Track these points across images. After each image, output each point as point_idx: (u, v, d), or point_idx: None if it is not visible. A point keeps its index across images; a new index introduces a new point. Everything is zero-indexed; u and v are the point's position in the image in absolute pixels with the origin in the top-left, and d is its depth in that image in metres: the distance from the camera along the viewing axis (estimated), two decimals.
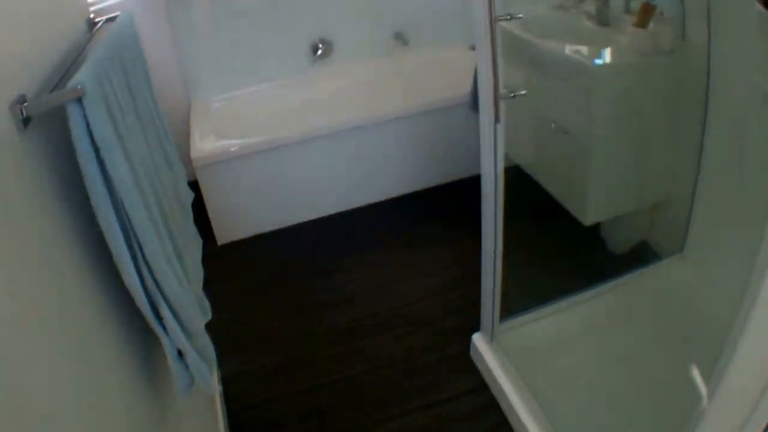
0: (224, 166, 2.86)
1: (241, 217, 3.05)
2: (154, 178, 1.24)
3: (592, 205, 2.32)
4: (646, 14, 2.11)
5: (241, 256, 3.01)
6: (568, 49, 2.30)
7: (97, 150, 0.91)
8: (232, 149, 2.84)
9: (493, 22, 1.46)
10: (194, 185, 2.78)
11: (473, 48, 3.48)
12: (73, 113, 0.87)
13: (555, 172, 2.52)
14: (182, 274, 1.22)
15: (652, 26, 2.12)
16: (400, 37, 3.61)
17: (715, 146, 2.14)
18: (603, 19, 2.39)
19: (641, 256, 2.53)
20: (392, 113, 3.02)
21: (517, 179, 2.65)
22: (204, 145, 2.86)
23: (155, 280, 1.09)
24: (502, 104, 1.58)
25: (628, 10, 2.34)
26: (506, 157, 2.38)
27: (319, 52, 3.50)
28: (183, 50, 3.25)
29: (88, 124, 0.89)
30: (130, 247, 1.02)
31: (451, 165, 3.28)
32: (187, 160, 2.75)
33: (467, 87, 3.02)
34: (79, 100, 0.87)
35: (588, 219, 2.34)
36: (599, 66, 2.16)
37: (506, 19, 1.48)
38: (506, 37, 2.26)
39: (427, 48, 3.71)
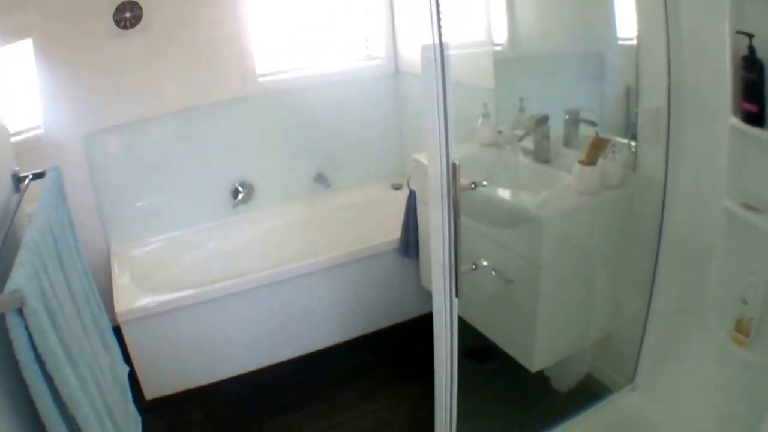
0: (148, 321, 2.67)
1: (169, 372, 2.83)
2: (96, 371, 1.11)
3: (538, 351, 2.23)
4: (596, 150, 2.07)
5: (170, 414, 2.75)
6: (507, 194, 2.29)
7: (42, 363, 0.80)
8: (155, 305, 2.66)
9: (455, 193, 1.42)
10: (116, 332, 2.58)
11: (396, 187, 3.59)
12: (14, 324, 0.78)
13: (496, 320, 2.42)
14: None
15: (601, 161, 2.10)
16: (322, 179, 3.58)
17: (668, 275, 2.13)
18: (542, 155, 2.37)
19: (590, 390, 2.46)
20: (318, 265, 2.91)
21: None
22: (127, 299, 2.68)
23: None
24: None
25: (568, 144, 2.34)
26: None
27: (240, 195, 3.41)
28: (100, 191, 3.12)
29: (30, 336, 0.79)
30: None
31: (384, 312, 3.16)
32: (108, 307, 2.56)
33: (394, 231, 3.00)
34: (19, 310, 0.76)
35: (535, 366, 2.25)
36: (543, 212, 2.09)
37: (470, 189, 1.45)
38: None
39: (350, 189, 3.68)
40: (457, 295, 1.54)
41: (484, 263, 1.54)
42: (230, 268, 3.20)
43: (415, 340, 2.95)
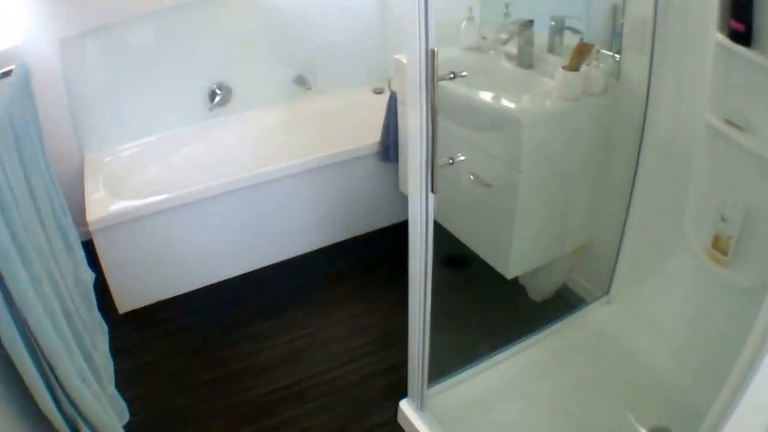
0: (121, 228, 2.62)
1: (143, 283, 2.81)
2: (55, 273, 1.08)
3: (514, 258, 2.22)
4: (580, 56, 2.01)
5: (144, 326, 2.74)
6: (489, 96, 2.23)
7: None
8: (128, 211, 2.61)
9: (432, 82, 1.36)
10: (88, 246, 2.58)
11: (378, 91, 3.50)
12: None
13: (473, 226, 2.42)
14: (94, 380, 1.05)
15: (584, 68, 2.05)
16: (302, 82, 3.47)
17: (647, 187, 2.11)
18: (525, 60, 2.31)
19: (565, 301, 2.48)
20: (296, 168, 2.86)
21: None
22: (99, 206, 2.62)
23: (72, 402, 0.92)
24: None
25: (552, 50, 2.27)
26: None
27: (217, 98, 3.31)
28: (75, 100, 3.01)
29: None
30: (42, 372, 0.86)
31: (362, 218, 3.15)
32: (81, 221, 2.54)
33: (374, 135, 2.94)
34: None
35: (511, 272, 2.25)
36: (524, 116, 2.04)
37: (449, 78, 1.40)
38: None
39: (331, 92, 3.58)
40: (432, 191, 1.50)
41: (461, 158, 1.50)
42: (206, 173, 3.12)
43: (392, 246, 2.97)
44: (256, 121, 3.43)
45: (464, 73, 1.40)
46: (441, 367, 2.03)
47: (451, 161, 1.48)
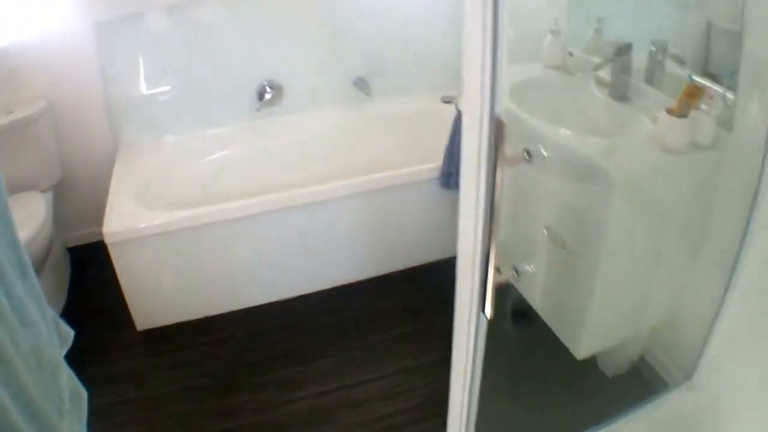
0: (145, 242, 2.36)
1: (165, 300, 2.54)
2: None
3: (588, 335, 1.85)
4: (691, 100, 1.60)
5: (161, 350, 2.48)
6: (573, 134, 1.83)
7: None
8: (155, 223, 2.35)
9: (494, 164, 0.95)
10: (95, 250, 2.39)
11: (447, 100, 3.08)
12: None
13: (542, 287, 2.04)
14: None
15: (692, 114, 1.65)
16: (362, 85, 3.08)
17: (757, 260, 1.68)
18: (620, 91, 1.90)
19: (641, 378, 2.08)
20: (345, 190, 2.51)
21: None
22: (120, 217, 2.36)
23: None
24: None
25: (650, 80, 1.86)
26: None
27: (267, 97, 2.98)
28: (110, 91, 2.78)
29: None
30: None
31: (415, 249, 2.77)
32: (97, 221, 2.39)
33: (436, 155, 2.56)
34: None
35: (582, 352, 1.87)
36: (617, 171, 1.67)
37: (523, 160, 0.98)
38: None
39: (393, 97, 3.17)
40: (483, 311, 1.11)
41: (529, 269, 1.10)
42: (247, 180, 2.87)
43: (447, 285, 2.57)
44: (308, 125, 3.09)
45: (545, 152, 0.99)
46: None
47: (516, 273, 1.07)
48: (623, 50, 1.82)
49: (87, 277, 2.88)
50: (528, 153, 1.05)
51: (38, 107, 2.65)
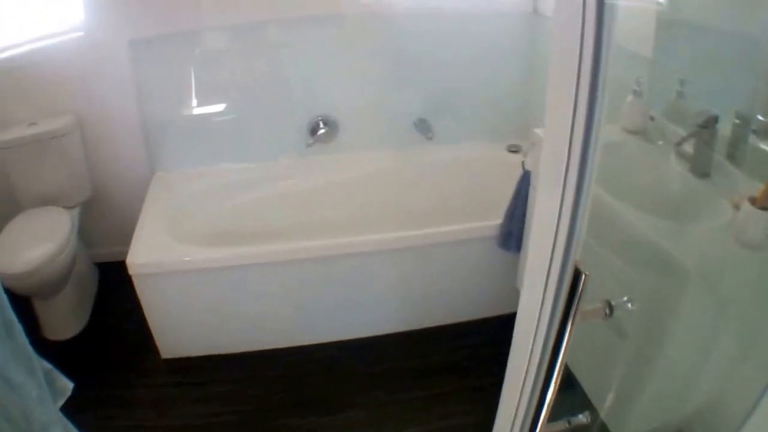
0: (172, 276, 2.27)
1: (191, 332, 2.45)
2: None
3: (635, 419, 1.68)
4: None
5: (183, 381, 2.40)
6: (645, 212, 1.64)
7: None
8: (185, 259, 2.25)
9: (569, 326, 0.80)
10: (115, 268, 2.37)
11: (513, 150, 2.91)
12: None
13: (591, 363, 1.86)
14: None
15: None
16: (424, 128, 2.88)
17: None
18: (701, 167, 1.68)
19: None
20: (395, 243, 2.36)
21: None
22: (149, 248, 2.29)
23: None
24: None
25: (732, 157, 1.63)
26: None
27: (320, 133, 2.83)
28: (148, 111, 2.71)
29: None
30: None
31: (462, 305, 2.58)
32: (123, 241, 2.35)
33: (497, 208, 2.38)
34: None
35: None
36: (691, 267, 1.48)
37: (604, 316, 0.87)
38: None
39: (456, 143, 2.96)
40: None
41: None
42: (291, 218, 2.74)
43: (491, 344, 2.42)
44: (362, 165, 2.92)
45: (630, 305, 0.91)
46: None
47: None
48: (709, 122, 1.64)
49: (115, 296, 2.80)
50: (610, 308, 0.89)
51: (65, 122, 2.61)
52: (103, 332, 2.61)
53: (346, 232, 2.53)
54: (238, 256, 2.28)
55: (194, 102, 2.75)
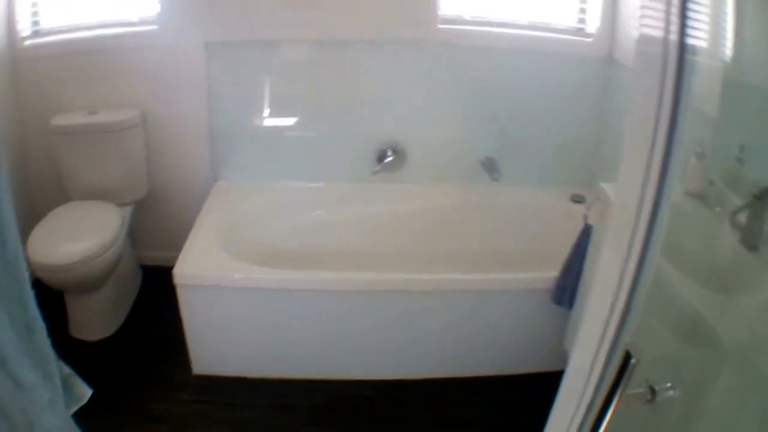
0: (217, 291, 2.29)
1: (226, 351, 2.44)
2: None
3: None
4: None
5: (210, 400, 2.36)
6: (695, 285, 1.59)
7: None
8: (234, 276, 2.26)
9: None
10: (161, 273, 2.41)
11: (577, 200, 2.79)
12: None
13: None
14: None
15: None
16: (491, 168, 2.83)
17: None
18: (752, 239, 1.62)
19: None
20: (450, 284, 2.34)
21: None
22: (198, 259, 2.31)
23: None
24: None
25: None
26: None
27: (387, 160, 2.83)
28: (216, 116, 2.76)
29: None
30: None
31: (506, 357, 2.51)
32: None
33: (554, 259, 2.30)
34: None
35: None
36: (729, 348, 1.43)
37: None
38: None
39: (519, 187, 2.92)
40: None
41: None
42: (345, 244, 2.74)
43: (534, 401, 2.26)
44: (424, 199, 2.91)
45: (672, 391, 0.91)
46: None
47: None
48: (763, 193, 1.55)
49: (155, 302, 2.80)
50: (652, 393, 0.89)
51: (128, 116, 2.61)
52: (136, 338, 2.60)
53: (397, 265, 2.54)
54: (287, 280, 2.28)
55: (265, 113, 2.80)
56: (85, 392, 1.48)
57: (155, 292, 2.86)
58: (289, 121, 2.81)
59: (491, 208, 2.89)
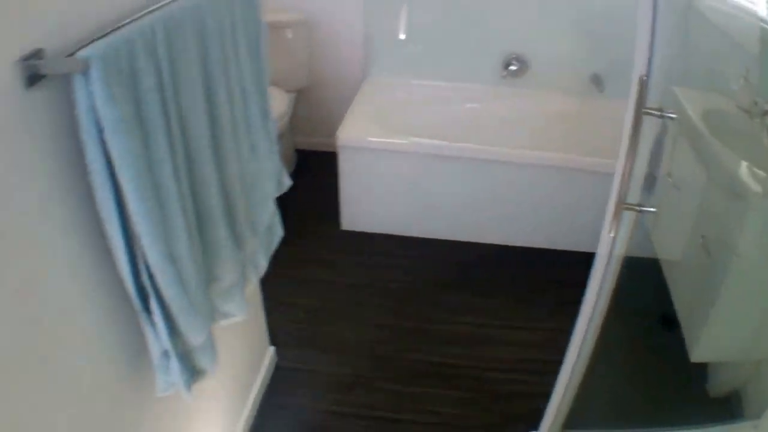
0: (367, 155, 2.78)
1: (372, 209, 2.95)
2: (207, 167, 1.14)
3: (705, 341, 1.95)
4: None
5: (356, 250, 2.89)
6: (737, 162, 1.95)
7: (101, 130, 0.82)
8: (380, 140, 2.75)
9: (640, 112, 1.23)
10: (320, 157, 2.92)
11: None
12: (77, 87, 0.79)
13: (684, 288, 2.18)
14: (195, 274, 1.09)
15: None
16: (597, 81, 3.26)
17: None
18: None
19: (735, 406, 2.12)
20: (550, 160, 2.78)
21: (649, 274, 2.33)
22: (355, 128, 2.79)
23: (150, 276, 0.99)
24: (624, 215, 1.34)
25: None
26: (650, 246, 2.19)
27: (512, 68, 3.30)
28: (371, 24, 3.22)
29: (93, 101, 0.80)
30: (126, 235, 0.94)
31: (584, 234, 2.84)
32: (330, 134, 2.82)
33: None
34: (86, 74, 0.78)
35: (695, 355, 1.98)
36: (755, 194, 1.78)
37: (656, 114, 1.28)
38: (683, 116, 2.07)
39: (621, 100, 3.25)
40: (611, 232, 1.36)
41: (652, 209, 1.42)
42: (470, 133, 3.13)
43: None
44: (542, 104, 3.33)
45: (673, 115, 1.32)
46: (583, 417, 1.85)
47: (639, 208, 1.35)
48: None
49: (306, 179, 3.25)
50: (661, 111, 1.31)
51: (294, 17, 3.06)
52: (291, 205, 3.12)
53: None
54: (423, 146, 2.75)
55: (410, 23, 3.25)
56: (286, 183, 1.71)
57: (308, 173, 3.37)
58: (431, 26, 3.24)
59: (596, 117, 3.24)
